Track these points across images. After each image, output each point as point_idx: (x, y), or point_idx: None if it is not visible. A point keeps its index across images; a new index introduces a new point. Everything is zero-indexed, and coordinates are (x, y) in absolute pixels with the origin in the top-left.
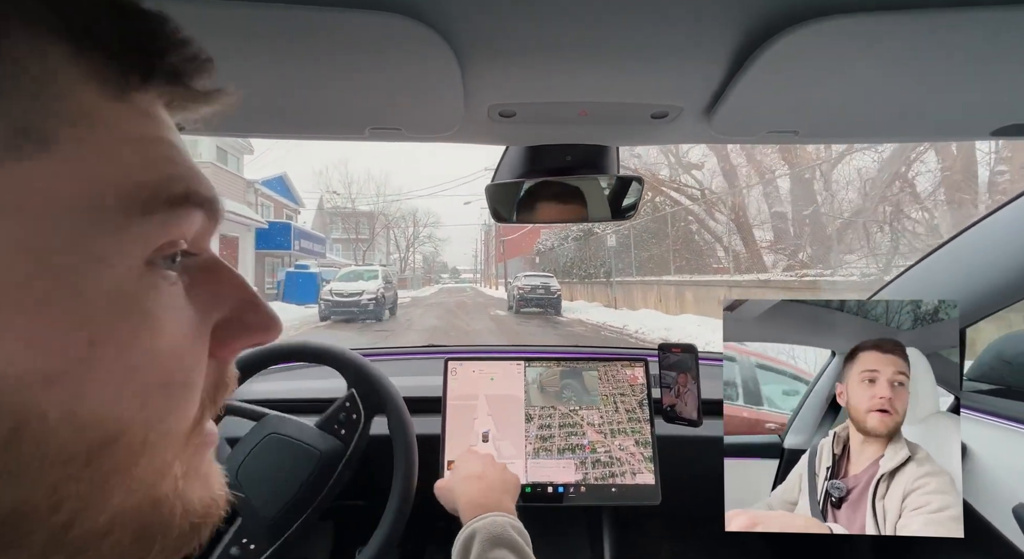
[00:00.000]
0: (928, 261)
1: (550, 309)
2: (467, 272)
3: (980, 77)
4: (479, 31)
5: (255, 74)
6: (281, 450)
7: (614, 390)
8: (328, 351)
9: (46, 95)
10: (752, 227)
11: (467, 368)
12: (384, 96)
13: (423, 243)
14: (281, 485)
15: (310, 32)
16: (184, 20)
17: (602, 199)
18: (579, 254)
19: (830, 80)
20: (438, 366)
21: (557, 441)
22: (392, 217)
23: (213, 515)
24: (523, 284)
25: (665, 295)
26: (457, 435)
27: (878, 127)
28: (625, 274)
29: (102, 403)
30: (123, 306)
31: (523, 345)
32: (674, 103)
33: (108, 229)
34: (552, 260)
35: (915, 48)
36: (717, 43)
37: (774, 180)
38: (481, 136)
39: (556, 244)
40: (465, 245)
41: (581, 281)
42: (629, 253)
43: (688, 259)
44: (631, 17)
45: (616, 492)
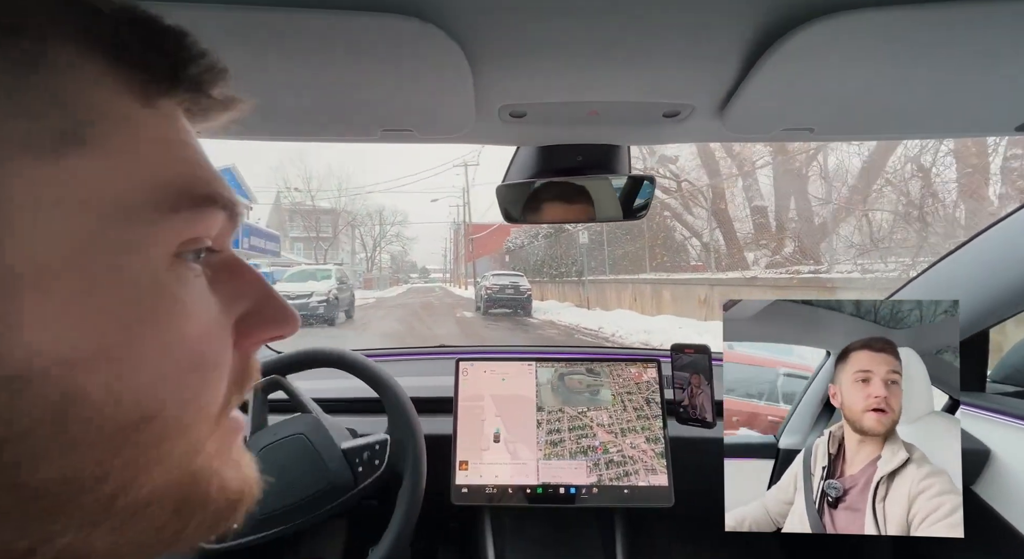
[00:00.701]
0: (946, 262)
1: (520, 310)
2: (437, 272)
3: (1001, 71)
4: (489, 32)
5: (269, 78)
6: (300, 455)
7: (621, 389)
8: (377, 376)
9: (85, 101)
10: (734, 221)
11: (478, 368)
12: (395, 98)
13: (390, 242)
14: (281, 488)
15: (322, 35)
16: (200, 25)
17: (613, 199)
18: (550, 252)
19: (846, 76)
20: (449, 366)
21: (568, 444)
22: (358, 215)
23: (248, 496)
24: (491, 284)
25: (640, 294)
26: (468, 436)
27: (896, 123)
28: (598, 273)
29: (140, 383)
30: (156, 293)
31: (534, 346)
32: (686, 101)
33: (141, 222)
34: (522, 259)
35: (932, 43)
36: (730, 40)
37: (753, 172)
38: (492, 137)
39: (526, 242)
40: (435, 244)
41: (552, 280)
42: (602, 251)
43: (665, 256)
44: (641, 16)
45: (629, 493)
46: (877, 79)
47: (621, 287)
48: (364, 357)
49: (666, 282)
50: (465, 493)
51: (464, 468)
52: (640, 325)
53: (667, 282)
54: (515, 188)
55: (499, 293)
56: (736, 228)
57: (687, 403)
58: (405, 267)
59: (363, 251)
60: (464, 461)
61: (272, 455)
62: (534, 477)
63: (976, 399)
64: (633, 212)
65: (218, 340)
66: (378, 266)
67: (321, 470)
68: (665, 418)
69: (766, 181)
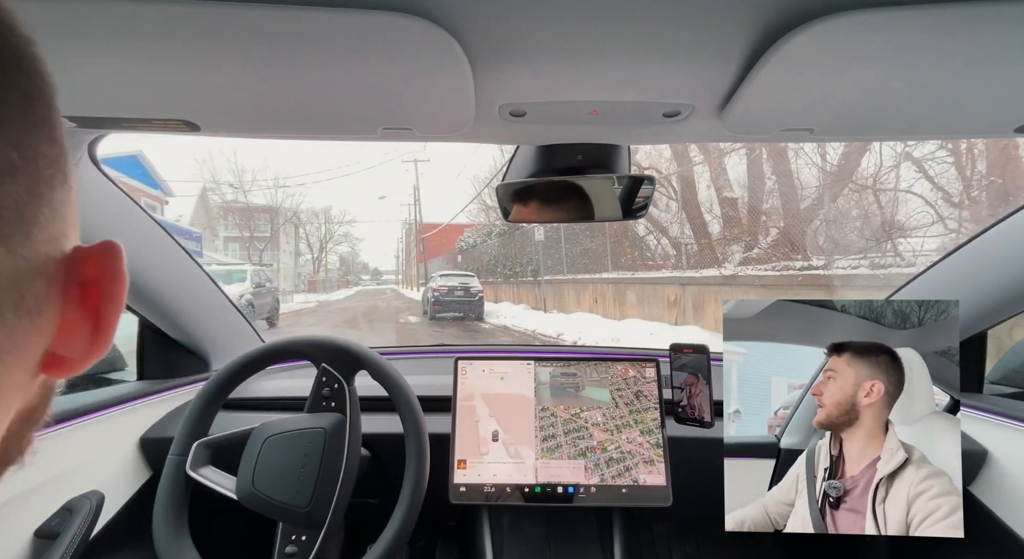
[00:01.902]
0: (945, 263)
1: (471, 314)
2: (390, 273)
3: (1001, 73)
4: (490, 31)
5: (268, 76)
6: (285, 446)
7: (610, 386)
8: (290, 342)
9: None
10: (704, 215)
11: (477, 367)
12: (396, 97)
13: (339, 243)
14: (302, 474)
15: (323, 34)
16: (201, 23)
17: (613, 199)
18: (503, 251)
19: (846, 77)
20: (448, 365)
21: (566, 449)
22: (303, 213)
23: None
24: (439, 285)
25: (602, 295)
26: (467, 434)
27: (896, 124)
28: (555, 272)
29: None
30: None
31: (534, 345)
32: (686, 102)
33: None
34: (475, 258)
35: (931, 44)
36: (730, 41)
37: (721, 159)
38: (492, 136)
39: (479, 241)
40: (387, 244)
41: (506, 280)
42: (559, 248)
43: (629, 254)
44: (642, 16)
45: (627, 493)
46: (876, 80)
47: (581, 287)
48: (375, 353)
49: (631, 281)
50: (463, 492)
51: (462, 467)
52: (606, 330)
53: (632, 281)
54: (515, 187)
55: (447, 295)
56: (707, 221)
57: (685, 403)
58: (356, 269)
59: (309, 252)
60: (462, 460)
61: (267, 469)
62: (532, 476)
63: (974, 400)
64: (632, 212)
65: None
66: (325, 268)
67: (311, 434)
68: (663, 418)
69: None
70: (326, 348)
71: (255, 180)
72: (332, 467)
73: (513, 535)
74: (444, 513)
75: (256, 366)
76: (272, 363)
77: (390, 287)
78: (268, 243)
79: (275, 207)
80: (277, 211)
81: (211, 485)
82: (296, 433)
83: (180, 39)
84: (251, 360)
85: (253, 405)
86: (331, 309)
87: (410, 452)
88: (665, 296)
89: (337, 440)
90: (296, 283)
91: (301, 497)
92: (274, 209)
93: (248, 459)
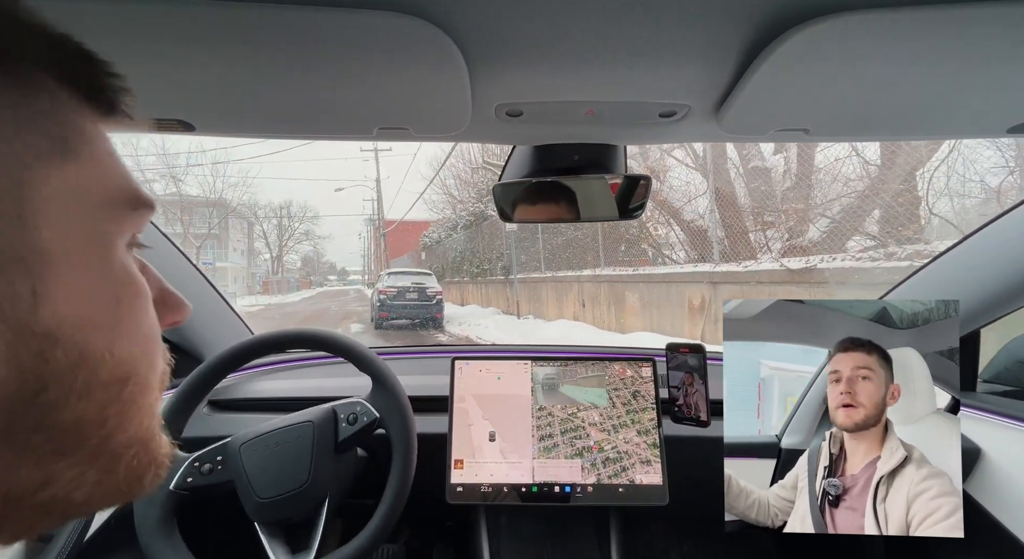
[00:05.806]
0: (939, 262)
1: (429, 322)
2: (357, 273)
3: (994, 74)
4: (486, 30)
5: (263, 75)
6: (267, 445)
7: (607, 386)
8: (366, 357)
9: (69, 120)
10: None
11: (473, 367)
12: (392, 96)
13: (299, 241)
14: (297, 463)
15: (318, 33)
16: (195, 22)
17: (609, 198)
18: (470, 245)
19: (841, 77)
20: (444, 365)
21: (563, 448)
22: (261, 210)
23: (165, 458)
24: (387, 286)
25: (593, 297)
26: (463, 434)
27: (891, 125)
28: (530, 269)
29: (124, 347)
30: (127, 275)
31: (531, 345)
32: (682, 102)
33: (115, 219)
34: (439, 255)
35: (927, 45)
36: (725, 41)
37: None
38: (488, 135)
39: (444, 236)
40: (352, 243)
41: (473, 279)
42: (535, 241)
43: (627, 244)
44: (638, 16)
45: (623, 492)
46: (871, 81)
47: (563, 287)
48: (351, 338)
49: (632, 279)
50: (460, 492)
51: (459, 467)
52: (605, 344)
53: (634, 279)
54: (511, 187)
55: (397, 299)
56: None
57: (682, 402)
58: (322, 269)
59: (268, 251)
60: (459, 460)
61: (265, 464)
62: (529, 476)
63: (968, 398)
64: (629, 211)
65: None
66: (283, 268)
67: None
68: (660, 417)
69: None
70: (311, 341)
71: (189, 166)
72: (324, 444)
73: (510, 535)
74: (442, 514)
75: (235, 363)
76: (251, 359)
77: (355, 288)
78: (205, 240)
79: (219, 200)
80: (222, 204)
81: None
82: (279, 431)
83: (174, 38)
84: (236, 354)
85: (249, 406)
86: (275, 314)
87: (396, 449)
88: (686, 299)
89: (326, 427)
90: (250, 284)
91: (300, 478)
92: (222, 202)
93: (239, 478)
